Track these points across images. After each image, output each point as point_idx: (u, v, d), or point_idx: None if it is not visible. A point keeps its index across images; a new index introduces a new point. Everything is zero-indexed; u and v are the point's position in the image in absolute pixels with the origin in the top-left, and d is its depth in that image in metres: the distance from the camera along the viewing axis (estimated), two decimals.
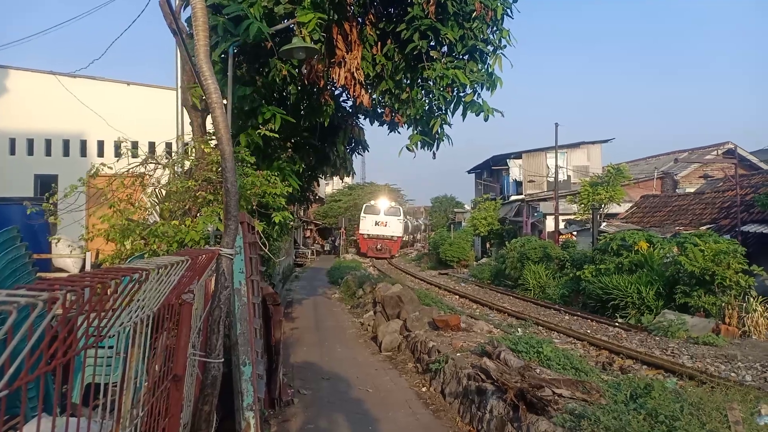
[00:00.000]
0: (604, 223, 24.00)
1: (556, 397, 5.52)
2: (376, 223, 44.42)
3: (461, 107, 8.32)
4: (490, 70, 8.31)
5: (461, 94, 8.21)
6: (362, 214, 45.38)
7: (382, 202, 46.16)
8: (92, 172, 6.88)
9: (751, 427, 4.69)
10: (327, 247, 51.10)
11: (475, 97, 8.24)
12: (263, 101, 7.94)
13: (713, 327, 12.25)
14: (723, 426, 4.35)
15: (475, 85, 8.18)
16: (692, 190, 27.95)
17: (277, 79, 7.63)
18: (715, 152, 29.67)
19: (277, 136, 8.01)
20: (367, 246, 44.13)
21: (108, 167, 6.94)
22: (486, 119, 8.91)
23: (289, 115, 9.34)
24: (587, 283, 16.63)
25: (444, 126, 8.96)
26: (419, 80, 8.60)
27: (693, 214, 22.56)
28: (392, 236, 44.99)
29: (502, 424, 5.63)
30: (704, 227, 19.15)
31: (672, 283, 14.29)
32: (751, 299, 12.69)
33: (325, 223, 53.29)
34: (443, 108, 8.58)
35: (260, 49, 7.61)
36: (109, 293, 1.58)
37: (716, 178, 27.16)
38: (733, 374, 9.13)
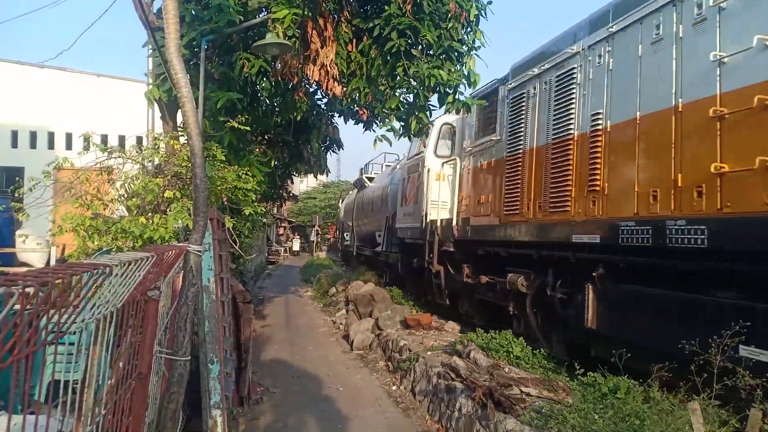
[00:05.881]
0: None
1: (524, 396, 5.59)
2: None
3: (445, 106, 8.36)
4: (466, 70, 8.35)
5: (443, 93, 8.24)
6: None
7: None
8: (55, 164, 6.69)
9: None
10: (295, 247, 46.96)
11: (456, 96, 8.29)
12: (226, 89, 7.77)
13: None
14: (686, 424, 4.43)
15: (456, 85, 8.22)
16: None
17: (252, 74, 7.54)
18: None
19: (248, 129, 7.92)
20: None
21: (71, 162, 6.75)
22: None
23: (261, 112, 9.26)
24: None
25: (420, 124, 8.99)
26: (399, 77, 8.57)
27: None
28: None
29: (471, 423, 5.67)
30: None
31: None
32: None
33: (299, 221, 52.97)
34: (422, 106, 8.60)
35: (230, 44, 7.52)
36: (71, 288, 1.54)
37: None
38: None
